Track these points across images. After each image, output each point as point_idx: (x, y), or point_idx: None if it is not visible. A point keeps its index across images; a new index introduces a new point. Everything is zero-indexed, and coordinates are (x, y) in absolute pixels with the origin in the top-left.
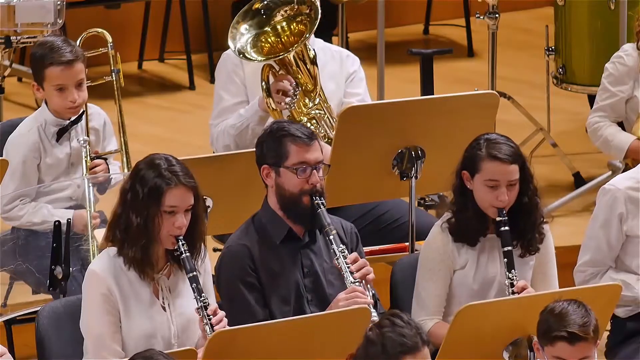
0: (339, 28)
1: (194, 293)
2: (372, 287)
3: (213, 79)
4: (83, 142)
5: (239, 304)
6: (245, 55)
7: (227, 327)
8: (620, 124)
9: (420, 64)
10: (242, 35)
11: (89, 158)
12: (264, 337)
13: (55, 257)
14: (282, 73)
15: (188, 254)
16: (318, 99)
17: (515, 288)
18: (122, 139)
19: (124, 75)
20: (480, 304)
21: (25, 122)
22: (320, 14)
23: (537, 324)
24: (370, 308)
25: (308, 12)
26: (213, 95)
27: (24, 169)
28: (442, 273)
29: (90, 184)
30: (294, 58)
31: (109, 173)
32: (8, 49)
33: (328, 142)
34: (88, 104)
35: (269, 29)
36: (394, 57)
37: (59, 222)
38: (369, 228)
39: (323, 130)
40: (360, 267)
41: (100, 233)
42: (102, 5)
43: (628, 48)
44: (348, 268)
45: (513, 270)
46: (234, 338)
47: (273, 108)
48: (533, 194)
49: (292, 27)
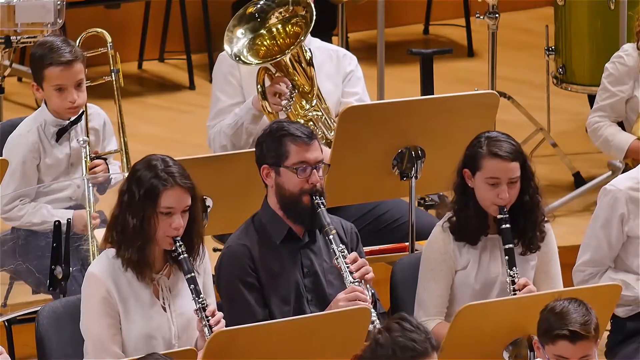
0: (339, 28)
1: (192, 294)
2: (371, 286)
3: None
4: (83, 142)
5: (239, 304)
6: (242, 59)
7: (225, 328)
8: (620, 124)
9: (420, 64)
10: (238, 40)
11: (89, 158)
12: (264, 337)
13: (55, 257)
14: (278, 75)
15: (186, 255)
16: (315, 101)
17: (517, 285)
18: (122, 139)
19: (124, 75)
20: (480, 304)
21: (25, 122)
22: (319, 14)
23: (537, 323)
24: (370, 308)
25: (303, 13)
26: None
27: (24, 169)
28: (443, 273)
29: (90, 184)
30: (290, 60)
31: (109, 173)
32: (8, 49)
33: (325, 143)
34: (88, 104)
35: (265, 32)
36: (394, 57)
37: (59, 222)
38: (369, 228)
39: (321, 132)
40: (360, 266)
41: (100, 233)
42: (102, 5)
43: (628, 48)
44: (348, 268)
45: (514, 268)
46: (234, 338)
47: (269, 111)
48: (534, 192)
49: (287, 29)
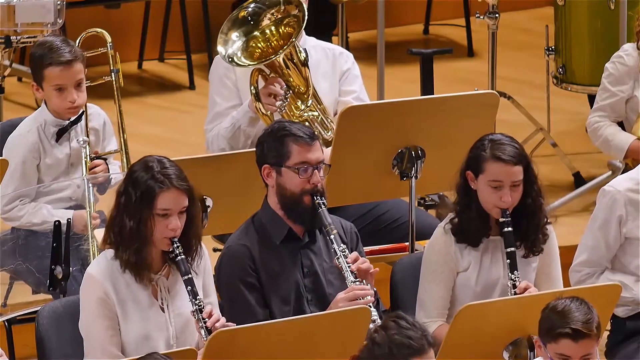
0: (339, 28)
1: (189, 296)
2: (372, 286)
3: None
4: (83, 142)
5: (239, 304)
6: (235, 61)
7: (225, 326)
8: (620, 124)
9: (420, 64)
10: (233, 42)
11: (89, 158)
12: (264, 337)
13: (55, 257)
14: (272, 76)
15: (183, 257)
16: (311, 101)
17: (517, 289)
18: (121, 139)
19: (124, 75)
20: (480, 304)
21: (25, 122)
22: (319, 14)
23: (538, 322)
24: (371, 307)
25: (296, 12)
26: None
27: (24, 169)
28: (444, 275)
29: (90, 184)
30: (284, 60)
31: (109, 173)
32: (8, 49)
33: (323, 143)
34: (88, 104)
35: (258, 34)
36: (394, 57)
37: (59, 222)
38: (369, 228)
39: (317, 132)
40: (361, 265)
41: (101, 233)
42: (102, 5)
43: (628, 48)
44: (349, 267)
45: (516, 272)
46: (234, 338)
47: (263, 113)
48: (537, 195)
49: (280, 30)
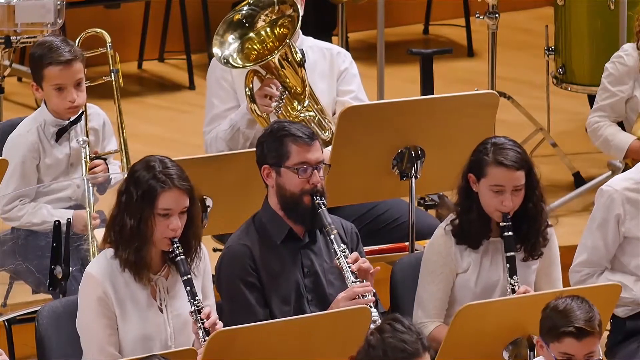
0: (339, 28)
1: (188, 296)
2: (372, 287)
3: None
4: (82, 142)
5: (240, 304)
6: (231, 63)
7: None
8: (620, 124)
9: (420, 64)
10: (229, 44)
11: (89, 158)
12: (264, 337)
13: (55, 257)
14: (268, 77)
15: (183, 257)
16: (307, 101)
17: (516, 294)
18: (121, 139)
19: (124, 75)
20: (480, 304)
21: (25, 122)
22: (319, 14)
23: (540, 322)
24: (371, 307)
25: (290, 12)
26: None
27: (23, 169)
28: (444, 276)
29: (90, 184)
30: (280, 61)
31: (109, 173)
32: (8, 49)
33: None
34: (87, 104)
35: (253, 35)
36: (394, 57)
37: (59, 222)
38: (369, 228)
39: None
40: (362, 265)
41: (100, 233)
42: (102, 5)
43: (628, 48)
44: (349, 268)
45: (515, 276)
46: (234, 338)
47: (258, 114)
48: (538, 200)
49: (275, 31)
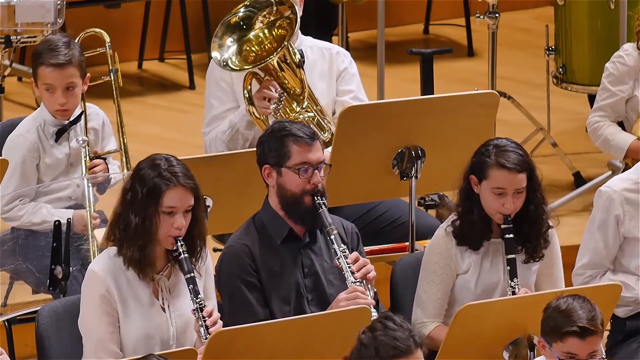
0: (339, 28)
1: (191, 294)
2: (372, 286)
3: None
4: (82, 142)
5: (240, 304)
6: (230, 66)
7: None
8: (621, 124)
9: (420, 64)
10: (228, 47)
11: (88, 158)
12: (264, 336)
13: (55, 256)
14: (267, 79)
15: (186, 255)
16: (307, 102)
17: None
18: (121, 139)
19: (124, 75)
20: (480, 304)
21: (25, 122)
22: (320, 14)
23: (541, 322)
24: (371, 308)
25: (288, 14)
26: None
27: (23, 169)
28: (444, 277)
29: (90, 184)
30: (279, 63)
31: (109, 173)
32: (8, 49)
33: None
34: (87, 104)
35: (251, 37)
36: (394, 56)
37: (59, 221)
38: (369, 228)
39: None
40: (361, 266)
41: (100, 233)
42: (102, 5)
43: (628, 48)
44: (349, 268)
45: (515, 279)
46: (234, 338)
47: (257, 116)
48: (540, 202)
49: (273, 32)
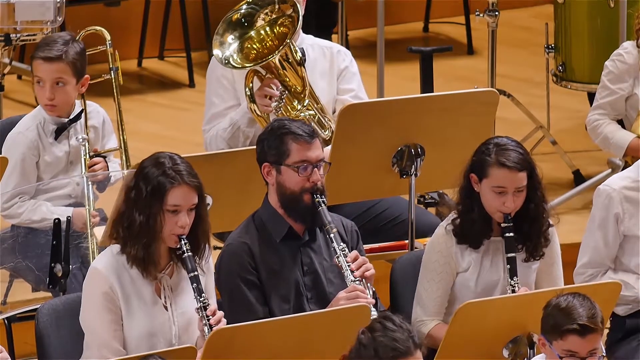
0: (339, 26)
1: (194, 293)
2: (371, 285)
3: None
4: (82, 140)
5: (239, 302)
6: (231, 63)
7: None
8: (620, 122)
9: (420, 62)
10: (229, 45)
11: (88, 156)
12: (264, 335)
13: (55, 254)
14: (268, 77)
15: (190, 254)
16: (307, 100)
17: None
18: (121, 137)
19: (124, 73)
20: (480, 302)
21: (24, 119)
22: (320, 12)
23: (541, 320)
24: (371, 307)
25: (290, 12)
26: None
27: (23, 167)
28: (444, 275)
29: (90, 182)
30: (280, 61)
31: (108, 171)
32: (8, 47)
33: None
34: (87, 102)
35: (253, 34)
36: (394, 54)
37: (59, 219)
38: (368, 226)
39: None
40: (361, 264)
41: (100, 231)
42: (102, 3)
43: (628, 46)
44: (349, 266)
45: (515, 277)
46: (234, 336)
47: (258, 114)
48: (540, 201)
49: (275, 30)
